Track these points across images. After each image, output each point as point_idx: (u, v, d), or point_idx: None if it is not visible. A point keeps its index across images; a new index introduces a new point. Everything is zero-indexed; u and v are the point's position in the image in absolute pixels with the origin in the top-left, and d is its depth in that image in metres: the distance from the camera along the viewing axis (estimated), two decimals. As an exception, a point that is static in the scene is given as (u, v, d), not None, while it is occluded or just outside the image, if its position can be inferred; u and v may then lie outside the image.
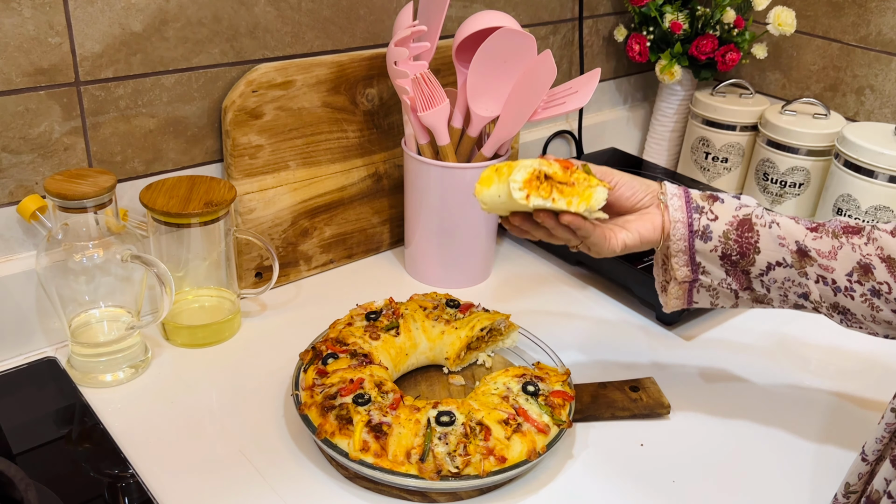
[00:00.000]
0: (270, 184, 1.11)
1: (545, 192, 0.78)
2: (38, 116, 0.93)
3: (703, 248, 0.84)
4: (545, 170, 0.78)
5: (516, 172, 0.78)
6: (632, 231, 0.85)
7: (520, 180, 0.78)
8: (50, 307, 0.98)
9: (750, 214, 0.84)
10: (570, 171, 0.79)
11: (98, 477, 0.81)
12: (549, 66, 0.99)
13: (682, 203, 0.86)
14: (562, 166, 0.79)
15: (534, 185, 0.78)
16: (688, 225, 0.85)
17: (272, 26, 1.08)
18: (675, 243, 0.85)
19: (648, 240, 0.85)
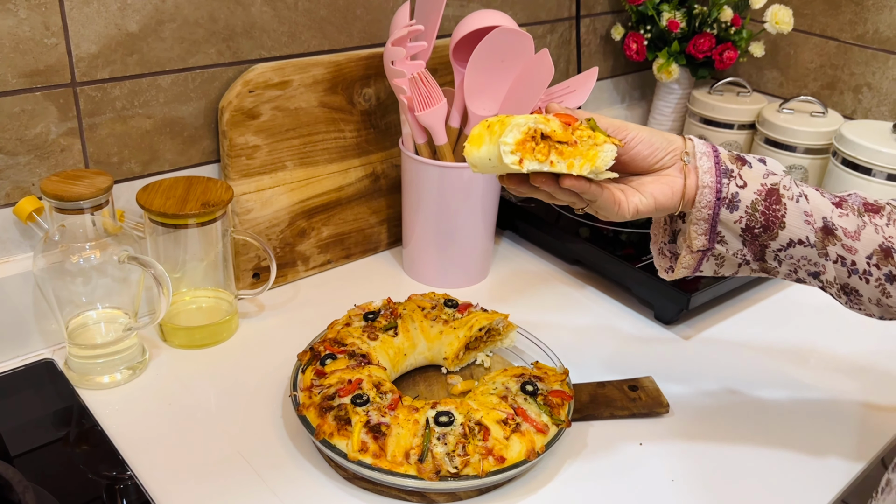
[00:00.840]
0: (268, 184, 1.11)
1: (542, 155, 0.71)
2: (34, 117, 0.93)
3: (727, 217, 0.78)
4: (542, 128, 0.70)
5: (508, 133, 0.69)
6: (646, 195, 0.78)
7: (512, 142, 0.70)
8: (47, 309, 0.98)
9: (778, 184, 0.78)
10: (573, 128, 0.72)
11: (96, 479, 0.81)
12: (546, 65, 0.99)
13: (711, 164, 0.78)
14: (562, 122, 0.72)
15: (528, 146, 0.70)
16: (716, 191, 0.77)
17: (269, 26, 1.07)
18: (698, 210, 0.78)
19: (665, 206, 0.78)
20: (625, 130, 0.78)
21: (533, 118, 0.70)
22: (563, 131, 0.71)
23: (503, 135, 0.69)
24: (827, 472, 0.89)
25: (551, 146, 0.71)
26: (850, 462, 0.91)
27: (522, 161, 0.70)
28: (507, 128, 0.69)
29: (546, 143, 0.71)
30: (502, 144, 0.69)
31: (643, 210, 0.78)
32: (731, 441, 0.93)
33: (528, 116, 0.70)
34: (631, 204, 0.77)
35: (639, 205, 0.77)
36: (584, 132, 0.72)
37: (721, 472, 0.89)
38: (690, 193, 0.78)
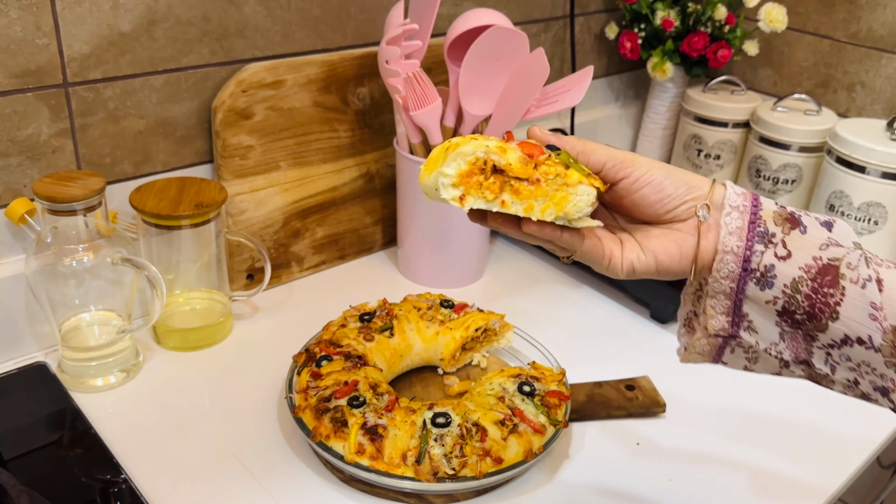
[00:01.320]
0: (261, 184, 1.11)
1: (491, 192, 0.59)
2: (25, 118, 0.92)
3: (757, 295, 0.61)
4: (494, 159, 0.59)
5: (450, 162, 0.59)
6: (647, 252, 0.64)
7: (453, 174, 0.59)
8: (39, 311, 0.97)
9: (839, 260, 0.59)
10: (536, 162, 0.60)
11: (90, 482, 0.81)
12: (541, 64, 0.99)
13: (743, 223, 0.61)
14: (525, 154, 0.60)
15: (475, 180, 0.59)
16: (743, 259, 0.61)
17: (262, 25, 1.07)
18: (717, 282, 0.62)
19: (669, 269, 0.64)
20: (630, 167, 0.63)
21: (485, 146, 0.59)
22: (523, 166, 0.59)
23: (445, 163, 0.59)
24: (824, 471, 0.89)
25: (506, 182, 0.60)
26: (847, 462, 0.91)
27: (465, 198, 0.60)
28: (451, 155, 0.59)
29: (499, 177, 0.60)
30: (441, 176, 0.59)
31: (640, 270, 0.64)
32: (727, 441, 0.93)
33: (481, 143, 0.59)
34: (626, 260, 0.64)
35: (635, 262, 0.64)
36: (551, 168, 0.60)
37: (718, 471, 0.89)
38: (706, 258, 0.62)
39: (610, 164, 0.63)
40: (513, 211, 0.60)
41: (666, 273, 0.64)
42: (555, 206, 0.60)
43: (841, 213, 1.29)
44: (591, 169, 0.63)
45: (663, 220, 0.64)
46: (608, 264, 0.65)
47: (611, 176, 0.63)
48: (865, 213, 1.27)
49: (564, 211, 0.60)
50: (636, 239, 0.65)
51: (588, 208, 0.60)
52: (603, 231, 0.66)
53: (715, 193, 0.63)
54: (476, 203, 0.60)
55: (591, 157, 0.63)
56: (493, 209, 0.60)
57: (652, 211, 0.64)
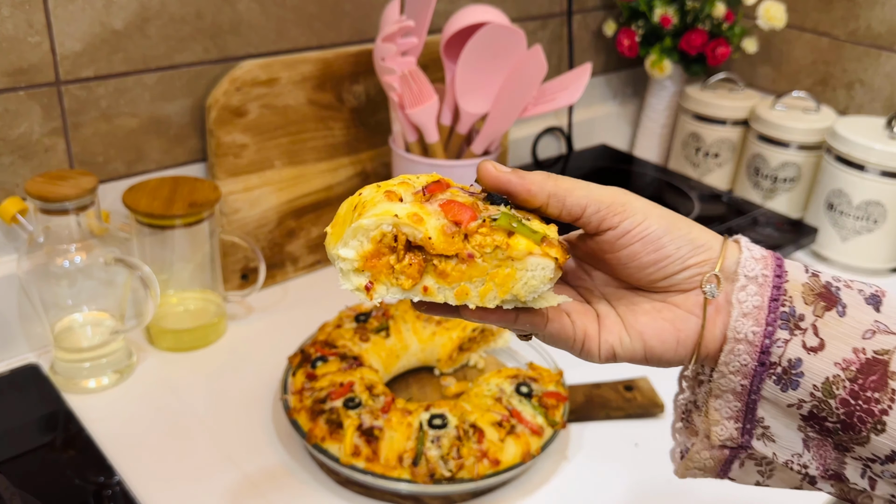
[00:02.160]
0: (255, 183, 1.10)
1: (408, 276, 0.45)
2: (17, 117, 0.92)
3: (777, 397, 0.48)
4: (407, 234, 0.45)
5: (347, 240, 0.45)
6: (633, 334, 0.51)
7: (353, 258, 0.45)
8: (32, 312, 0.96)
9: (890, 353, 0.46)
10: (465, 232, 0.45)
11: (83, 484, 0.80)
12: (539, 61, 0.98)
13: (762, 301, 0.48)
14: (450, 220, 0.45)
15: (384, 263, 0.45)
16: (760, 350, 0.48)
17: (256, 22, 1.06)
18: (724, 378, 0.49)
19: (662, 358, 0.51)
20: (619, 213, 0.48)
21: (394, 215, 0.44)
22: (447, 238, 0.45)
23: (340, 241, 0.45)
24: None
25: (427, 261, 0.46)
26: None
27: (372, 287, 0.46)
28: (348, 230, 0.45)
29: (418, 256, 0.46)
30: (338, 260, 0.46)
31: (622, 356, 0.51)
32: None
33: (389, 211, 0.44)
34: (604, 343, 0.51)
35: (616, 347, 0.51)
36: (488, 238, 0.45)
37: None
38: (711, 346, 0.50)
39: (592, 210, 0.49)
40: (440, 299, 0.46)
41: (657, 362, 0.51)
42: (497, 289, 0.46)
43: (840, 212, 1.28)
44: (567, 216, 0.49)
45: (657, 288, 0.51)
46: (581, 348, 0.51)
47: (592, 224, 0.49)
48: (864, 211, 1.26)
49: (512, 293, 0.46)
50: (619, 313, 0.52)
51: (544, 286, 0.46)
52: (574, 304, 0.52)
53: (727, 257, 0.49)
54: (389, 293, 0.46)
55: (566, 200, 0.48)
56: (415, 299, 0.46)
57: (643, 275, 0.50)
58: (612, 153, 1.56)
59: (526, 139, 1.47)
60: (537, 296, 0.46)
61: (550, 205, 0.49)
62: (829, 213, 1.30)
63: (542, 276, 0.46)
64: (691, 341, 0.50)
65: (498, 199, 0.48)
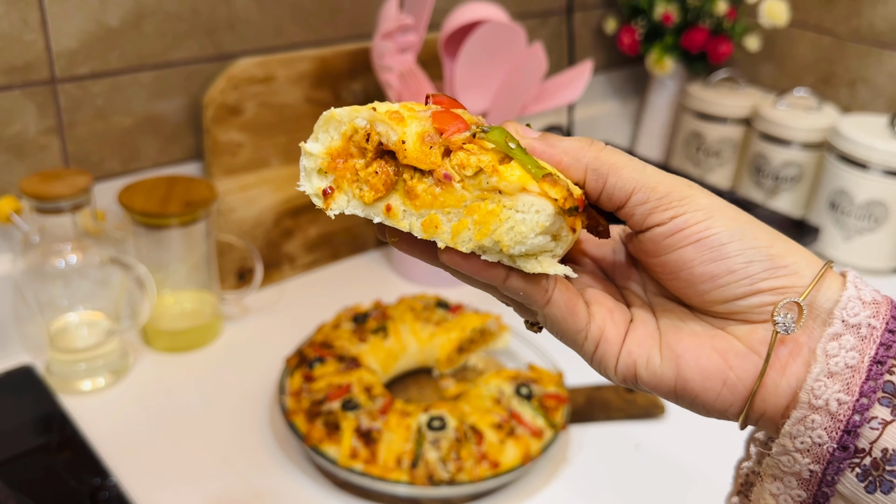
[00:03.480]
0: (252, 182, 1.09)
1: (372, 188, 0.38)
2: (12, 116, 0.91)
3: (858, 498, 0.37)
4: (380, 132, 0.37)
5: (316, 132, 0.39)
6: (667, 355, 0.39)
7: (318, 153, 0.39)
8: (27, 312, 0.96)
9: None
10: (447, 144, 0.36)
11: (78, 486, 0.80)
12: (538, 58, 0.97)
13: (860, 361, 0.36)
14: (434, 127, 0.37)
15: (350, 165, 0.38)
16: (844, 429, 0.36)
17: (252, 19, 1.05)
18: (787, 455, 0.38)
19: (697, 399, 0.39)
20: (675, 205, 0.38)
21: (371, 108, 0.38)
22: (424, 148, 0.36)
23: (314, 132, 0.39)
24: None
25: (398, 175, 0.38)
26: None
27: (332, 194, 0.39)
28: (320, 120, 0.39)
29: (389, 165, 0.38)
30: (303, 154, 0.39)
31: (645, 379, 0.40)
32: (727, 442, 0.92)
33: (369, 106, 0.38)
34: (626, 355, 0.40)
35: (640, 365, 0.40)
36: (471, 157, 0.36)
37: (718, 473, 0.87)
38: (771, 404, 0.38)
39: (639, 198, 0.38)
40: (404, 225, 0.37)
41: (690, 401, 0.39)
42: (475, 227, 0.36)
43: (842, 212, 1.27)
44: (606, 200, 0.39)
45: (714, 313, 0.39)
46: (593, 352, 0.41)
47: (637, 217, 0.39)
48: (867, 211, 1.25)
49: (493, 238, 0.36)
50: (658, 323, 0.41)
51: (535, 236, 0.35)
52: (600, 295, 0.42)
53: (823, 290, 0.37)
54: (350, 206, 0.39)
55: (608, 179, 0.39)
56: (375, 219, 0.38)
57: (694, 292, 0.39)
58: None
59: (526, 138, 1.46)
60: (527, 249, 0.36)
61: (588, 183, 0.39)
62: (831, 213, 1.29)
63: (535, 221, 0.35)
64: (744, 388, 0.37)
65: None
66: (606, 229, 0.42)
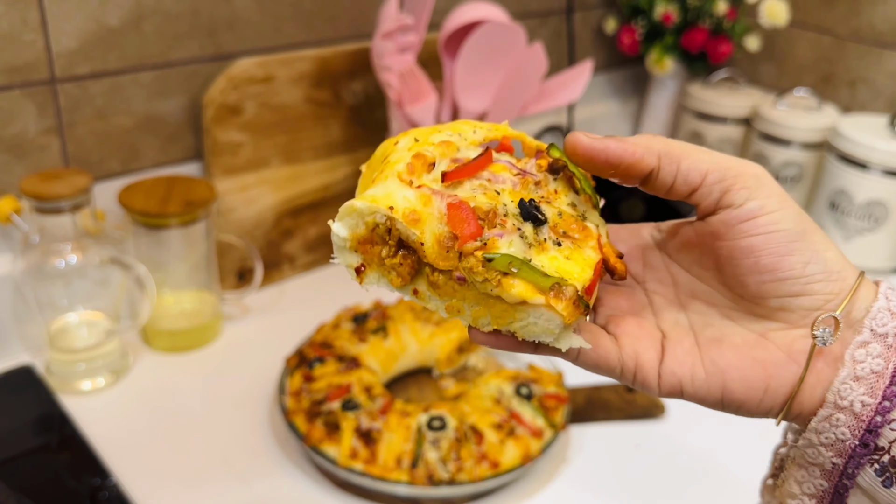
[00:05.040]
0: (252, 182, 1.09)
1: (399, 275, 0.40)
2: (12, 116, 0.91)
3: (875, 491, 0.40)
4: (401, 231, 0.39)
5: (342, 215, 0.40)
6: (711, 370, 0.42)
7: (345, 236, 0.41)
8: (26, 312, 0.95)
9: None
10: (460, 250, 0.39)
11: (78, 486, 0.80)
12: (538, 58, 0.97)
13: (886, 367, 0.39)
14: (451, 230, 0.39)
15: (376, 252, 0.40)
16: (866, 428, 0.39)
17: (252, 19, 1.05)
18: (814, 448, 0.41)
19: (743, 407, 0.42)
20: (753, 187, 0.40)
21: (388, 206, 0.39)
22: (441, 250, 0.39)
23: (338, 217, 0.41)
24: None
25: (423, 265, 0.40)
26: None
27: (364, 271, 0.41)
28: (343, 208, 0.40)
29: (412, 255, 0.40)
30: (333, 233, 0.41)
31: (692, 394, 0.42)
32: (728, 442, 0.92)
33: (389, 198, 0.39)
34: (669, 375, 0.42)
35: (686, 383, 0.42)
36: (479, 269, 0.38)
37: (718, 473, 0.87)
38: (807, 406, 0.41)
39: (715, 177, 0.40)
40: (430, 307, 0.41)
41: (735, 409, 0.42)
42: (492, 318, 0.39)
43: (842, 212, 1.27)
44: (682, 184, 0.41)
45: (763, 308, 0.41)
46: (633, 379, 0.42)
47: (713, 196, 0.41)
48: (867, 211, 1.25)
49: (509, 328, 0.39)
50: (699, 341, 0.42)
51: (547, 336, 0.39)
52: (627, 322, 0.43)
53: (858, 299, 0.40)
54: (380, 283, 0.41)
55: (681, 163, 0.41)
56: (406, 298, 0.41)
57: (753, 280, 0.40)
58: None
59: (526, 138, 1.46)
60: (541, 341, 0.39)
61: (662, 168, 0.41)
62: (831, 213, 1.29)
63: (545, 328, 0.38)
64: (783, 394, 0.40)
65: (557, 170, 0.40)
66: (624, 273, 0.43)
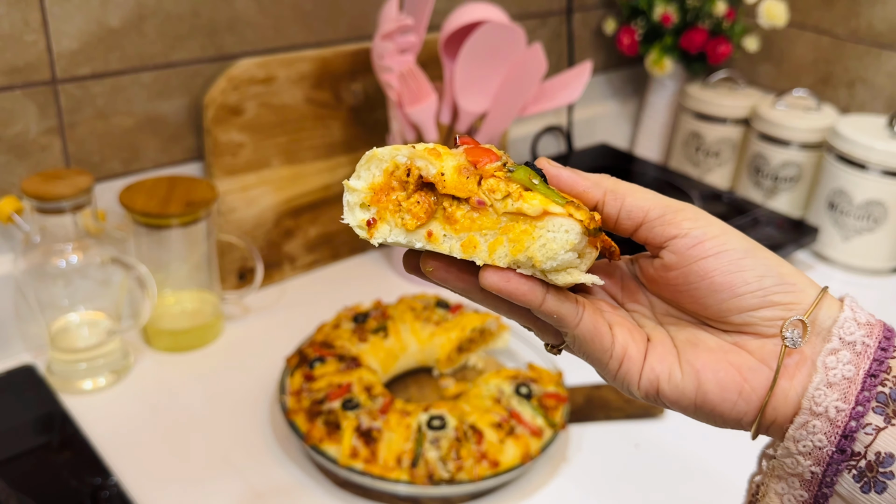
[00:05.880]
0: (253, 182, 1.09)
1: (414, 216, 0.42)
2: (13, 116, 0.91)
3: (854, 498, 0.40)
4: (421, 167, 0.42)
5: (359, 171, 0.43)
6: (687, 370, 0.43)
7: (363, 188, 0.43)
8: (28, 312, 0.96)
9: None
10: (480, 174, 0.41)
11: (79, 486, 0.80)
12: (538, 59, 0.97)
13: (856, 373, 0.40)
14: (470, 160, 0.41)
15: (392, 199, 0.42)
16: (842, 434, 0.40)
17: (253, 20, 1.05)
18: (791, 458, 0.42)
19: (716, 411, 0.43)
20: (690, 220, 0.42)
21: (411, 146, 0.42)
22: (462, 179, 0.41)
23: (356, 172, 0.43)
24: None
25: (438, 205, 0.42)
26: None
27: (376, 223, 0.43)
28: (362, 160, 0.43)
29: (429, 196, 0.42)
30: (347, 190, 0.43)
31: (668, 394, 0.43)
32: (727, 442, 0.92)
33: (408, 145, 0.42)
34: (649, 371, 0.43)
35: (663, 381, 0.43)
36: (501, 183, 0.40)
37: (718, 473, 0.87)
38: (781, 412, 0.42)
39: (656, 213, 0.42)
40: (445, 248, 0.41)
41: (709, 413, 0.43)
42: (510, 245, 0.40)
43: (841, 212, 1.28)
44: (626, 220, 0.44)
45: (729, 324, 0.43)
46: (617, 370, 0.44)
47: (656, 231, 0.43)
48: (865, 211, 1.25)
49: (526, 254, 0.40)
50: (675, 342, 0.44)
51: (565, 252, 0.39)
52: (619, 317, 0.45)
53: (822, 309, 0.41)
54: (392, 234, 0.42)
55: (625, 200, 0.43)
56: (417, 245, 0.42)
57: (713, 301, 0.42)
58: (612, 152, 1.55)
59: (525, 138, 1.47)
60: (558, 265, 0.39)
61: (607, 203, 0.43)
62: (830, 213, 1.30)
63: (565, 239, 0.39)
64: (757, 398, 0.41)
65: (534, 168, 0.42)
66: (617, 251, 0.45)
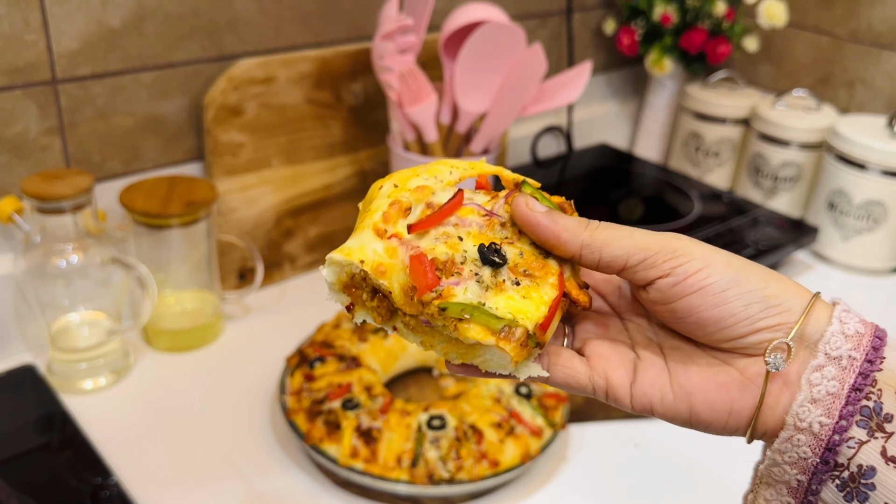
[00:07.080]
0: (253, 183, 1.09)
1: (379, 315, 0.45)
2: (13, 116, 0.91)
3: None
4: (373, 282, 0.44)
5: (328, 263, 0.46)
6: (678, 392, 0.44)
7: (332, 281, 0.46)
8: (28, 312, 0.96)
9: None
10: (421, 299, 0.43)
11: (80, 486, 0.80)
12: (538, 59, 0.98)
13: (840, 389, 0.41)
14: (412, 281, 0.43)
15: (358, 295, 0.45)
16: (826, 447, 0.41)
17: (253, 20, 1.05)
18: (779, 467, 0.44)
19: (710, 427, 0.45)
20: (673, 258, 0.43)
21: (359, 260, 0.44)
22: (406, 299, 0.43)
23: (326, 264, 0.46)
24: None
25: (398, 308, 0.44)
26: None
27: (353, 309, 0.46)
28: (326, 264, 0.46)
29: (385, 301, 0.45)
30: (324, 276, 0.46)
31: (662, 414, 0.45)
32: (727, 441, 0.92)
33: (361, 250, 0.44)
34: (641, 395, 0.45)
35: (656, 404, 0.44)
36: (437, 316, 0.42)
37: (717, 473, 0.87)
38: (771, 426, 0.44)
39: (636, 259, 0.43)
40: (410, 341, 0.45)
41: (704, 429, 0.45)
42: (458, 355, 0.44)
43: (841, 212, 1.28)
44: (606, 269, 0.44)
45: (720, 348, 0.44)
46: (605, 397, 0.45)
47: (639, 275, 0.43)
48: (865, 211, 1.25)
49: (473, 363, 0.44)
50: (668, 365, 0.45)
51: (504, 370, 0.43)
52: (599, 345, 0.47)
53: (811, 322, 0.42)
54: (367, 319, 0.46)
55: (602, 252, 0.43)
56: (390, 332, 0.46)
57: (702, 333, 0.43)
58: (612, 152, 1.55)
59: (525, 138, 1.47)
60: (504, 373, 0.44)
61: (584, 256, 0.44)
62: (829, 213, 1.30)
63: (500, 363, 0.43)
64: (746, 416, 0.43)
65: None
66: (588, 304, 0.46)
